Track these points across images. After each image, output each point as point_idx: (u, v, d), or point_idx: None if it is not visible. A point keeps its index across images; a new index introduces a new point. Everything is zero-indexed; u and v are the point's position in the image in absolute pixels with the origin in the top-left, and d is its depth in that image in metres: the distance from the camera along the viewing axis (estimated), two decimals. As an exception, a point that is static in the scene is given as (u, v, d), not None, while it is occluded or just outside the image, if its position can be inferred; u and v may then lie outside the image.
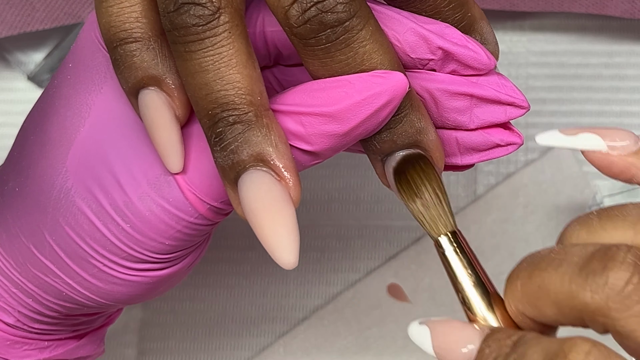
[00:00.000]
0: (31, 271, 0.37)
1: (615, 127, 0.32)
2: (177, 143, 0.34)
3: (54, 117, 0.36)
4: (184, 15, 0.31)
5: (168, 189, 0.34)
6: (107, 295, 0.37)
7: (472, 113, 0.35)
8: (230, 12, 0.31)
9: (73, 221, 0.36)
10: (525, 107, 0.35)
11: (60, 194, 0.36)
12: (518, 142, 0.35)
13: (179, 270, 0.38)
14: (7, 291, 0.38)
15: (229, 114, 0.31)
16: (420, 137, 0.33)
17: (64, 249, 0.36)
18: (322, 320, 0.54)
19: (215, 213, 0.35)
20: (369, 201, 0.56)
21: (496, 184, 0.56)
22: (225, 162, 0.32)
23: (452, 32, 0.34)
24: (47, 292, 0.37)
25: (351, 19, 0.31)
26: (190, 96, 0.32)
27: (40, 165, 0.36)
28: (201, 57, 0.31)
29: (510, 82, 0.35)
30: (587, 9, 0.54)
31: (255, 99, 0.31)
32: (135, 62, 0.33)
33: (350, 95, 0.32)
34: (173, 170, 0.34)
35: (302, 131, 0.32)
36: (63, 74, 0.37)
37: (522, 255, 0.54)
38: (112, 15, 0.33)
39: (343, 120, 0.32)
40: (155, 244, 0.35)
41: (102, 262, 0.36)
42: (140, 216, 0.35)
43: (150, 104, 0.33)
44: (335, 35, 0.31)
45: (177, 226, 0.35)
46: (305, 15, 0.31)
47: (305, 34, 0.31)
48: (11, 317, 0.39)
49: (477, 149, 0.35)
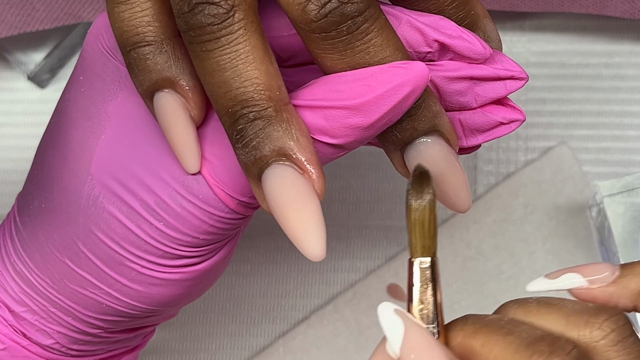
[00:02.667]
0: (69, 287, 0.37)
1: (594, 263, 0.34)
2: (193, 143, 0.34)
3: (73, 130, 0.37)
4: (198, 15, 0.31)
5: (197, 186, 0.35)
6: (148, 300, 0.37)
7: (474, 92, 0.35)
8: (244, 9, 0.31)
9: (105, 227, 0.36)
10: (524, 77, 0.35)
11: (89, 202, 0.36)
12: (520, 119, 0.35)
13: (215, 263, 0.38)
14: (46, 312, 0.38)
15: (248, 110, 0.31)
16: (438, 120, 0.34)
17: (99, 256, 0.36)
18: (322, 320, 0.54)
19: (245, 207, 0.35)
20: (369, 201, 0.56)
21: (496, 184, 0.56)
22: (247, 159, 0.32)
23: (446, 24, 0.34)
24: (87, 307, 0.37)
25: (369, 8, 0.31)
26: (210, 95, 0.32)
27: (64, 177, 0.36)
28: (218, 56, 0.31)
29: (506, 57, 0.35)
30: (587, 9, 0.54)
31: (274, 94, 0.31)
32: (149, 65, 0.34)
33: (373, 88, 0.32)
34: (190, 170, 0.34)
35: (326, 125, 0.32)
36: (76, 88, 0.37)
37: (522, 255, 0.55)
38: (124, 20, 0.34)
39: (367, 113, 0.32)
40: (190, 239, 0.36)
41: (140, 263, 0.36)
42: (173, 214, 0.35)
43: (165, 105, 0.34)
44: (356, 25, 0.31)
45: (210, 221, 0.35)
46: (325, 8, 0.31)
47: (326, 27, 0.31)
48: (49, 339, 0.38)
49: (481, 129, 0.36)
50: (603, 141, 0.56)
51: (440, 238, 0.55)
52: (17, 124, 0.59)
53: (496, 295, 0.54)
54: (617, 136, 0.56)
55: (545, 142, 0.56)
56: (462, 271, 0.54)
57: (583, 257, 0.54)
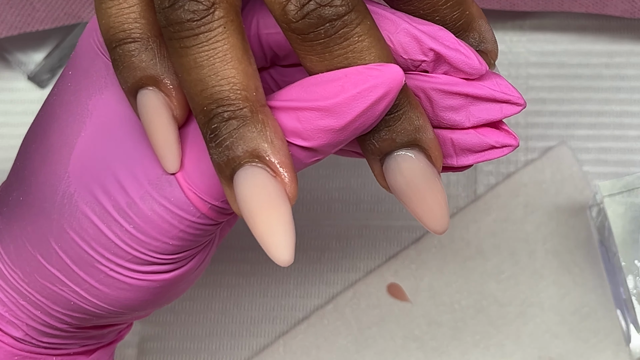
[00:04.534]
0: (39, 281, 0.37)
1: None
2: (174, 143, 0.34)
3: (55, 124, 0.36)
4: (178, 10, 0.31)
5: (169, 188, 0.34)
6: (115, 302, 0.37)
7: (468, 111, 0.34)
8: (225, 7, 0.31)
9: (77, 226, 0.35)
10: (521, 104, 0.34)
11: (63, 200, 0.36)
12: (513, 144, 0.35)
13: (185, 272, 0.37)
14: (16, 304, 0.38)
15: (224, 109, 0.31)
16: (419, 135, 0.33)
17: (70, 255, 0.36)
18: (322, 320, 0.54)
19: (218, 212, 0.35)
20: (369, 201, 0.56)
21: (496, 184, 0.56)
22: (220, 159, 0.31)
23: (445, 35, 0.34)
24: (56, 302, 0.37)
25: (349, 13, 0.31)
26: (186, 92, 0.32)
27: (42, 172, 0.36)
28: (196, 53, 0.31)
29: (504, 80, 0.35)
30: (587, 9, 0.54)
31: (251, 95, 0.31)
32: (134, 62, 0.33)
33: (345, 88, 0.31)
34: (170, 170, 0.34)
35: (299, 127, 0.32)
36: (63, 82, 0.37)
37: (522, 255, 0.55)
38: (111, 16, 0.34)
39: (339, 115, 0.32)
40: (160, 244, 0.35)
41: (108, 266, 0.36)
42: (142, 216, 0.35)
43: (148, 103, 0.33)
44: (334, 29, 0.31)
45: (180, 225, 0.35)
46: (303, 9, 0.31)
47: (303, 29, 0.31)
48: (19, 331, 0.38)
49: (473, 149, 0.35)
50: (603, 141, 0.56)
51: (440, 238, 0.55)
52: (17, 124, 0.59)
53: (496, 295, 0.54)
54: (617, 136, 0.56)
55: (545, 142, 0.56)
56: (462, 271, 0.54)
57: (583, 257, 0.54)
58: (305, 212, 0.56)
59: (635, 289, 0.50)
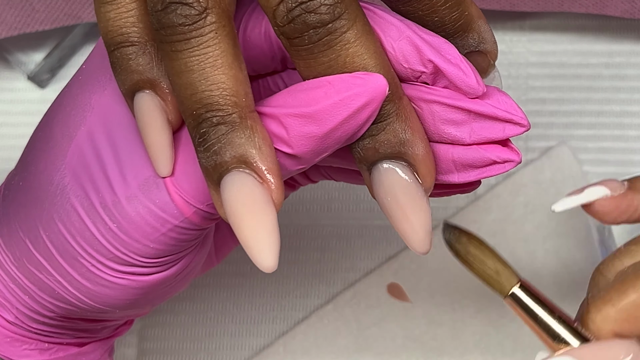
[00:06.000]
0: (27, 267, 0.37)
1: (604, 180, 0.35)
2: (167, 147, 0.34)
3: (60, 115, 0.37)
4: (170, 14, 0.31)
5: (156, 191, 0.35)
6: (96, 298, 0.37)
7: (470, 127, 0.34)
8: (218, 12, 0.31)
9: (66, 218, 0.36)
10: (525, 125, 0.34)
11: (57, 190, 0.36)
12: (515, 160, 0.34)
13: (167, 277, 0.37)
14: (6, 286, 0.38)
15: (213, 114, 0.31)
16: (404, 149, 0.32)
17: (56, 246, 0.36)
18: (322, 320, 0.54)
19: (202, 217, 0.35)
20: (369, 201, 0.56)
21: (496, 184, 0.56)
22: (208, 163, 0.31)
23: (449, 49, 0.33)
24: (41, 289, 0.38)
25: (335, 20, 0.31)
26: (177, 96, 0.32)
27: (42, 160, 0.37)
28: (187, 57, 0.31)
29: (510, 99, 0.34)
30: (587, 9, 0.54)
31: (240, 101, 0.31)
32: (131, 65, 0.34)
33: (328, 95, 0.31)
34: (162, 173, 0.34)
35: (284, 133, 0.32)
36: (76, 75, 0.38)
37: (522, 255, 0.55)
38: (109, 19, 0.34)
39: (321, 121, 0.32)
40: (141, 247, 0.35)
41: (90, 261, 0.36)
42: (126, 217, 0.35)
43: (144, 106, 0.34)
44: (318, 36, 0.31)
45: (162, 229, 0.35)
46: (290, 14, 0.31)
47: (289, 33, 0.31)
48: (10, 314, 0.39)
49: (474, 165, 0.34)
50: (603, 141, 0.56)
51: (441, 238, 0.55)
52: (17, 124, 0.59)
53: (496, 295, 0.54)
54: (617, 136, 0.56)
55: (545, 142, 0.56)
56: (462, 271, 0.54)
57: (583, 257, 0.54)
58: (305, 211, 0.56)
59: (635, 288, 0.50)
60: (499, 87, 0.35)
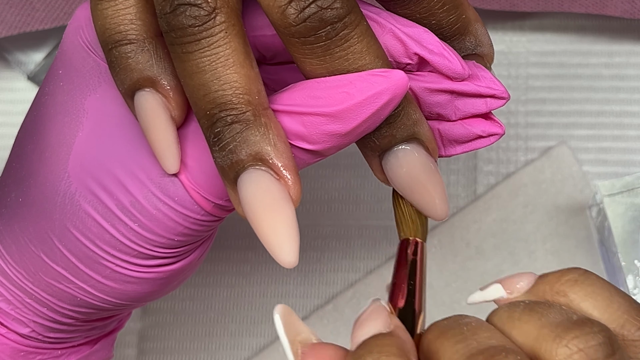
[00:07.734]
0: (44, 280, 0.37)
1: (519, 273, 0.34)
2: (173, 144, 0.34)
3: (51, 124, 0.37)
4: (180, 16, 0.31)
5: (173, 187, 0.35)
6: (122, 295, 0.37)
7: (454, 106, 0.35)
8: (227, 11, 0.31)
9: (81, 225, 0.36)
10: (505, 97, 0.35)
11: (65, 199, 0.36)
12: (499, 132, 0.35)
13: (190, 262, 0.38)
14: (21, 302, 0.38)
15: (226, 113, 0.31)
16: (417, 128, 0.33)
17: (74, 253, 0.36)
18: (322, 320, 0.54)
19: (221, 209, 0.35)
20: (369, 201, 0.56)
21: (496, 184, 0.56)
22: (224, 162, 0.32)
23: (429, 38, 0.34)
24: (61, 299, 0.37)
25: (349, 14, 0.31)
26: (189, 97, 0.32)
27: (41, 172, 0.36)
28: (198, 58, 0.31)
29: (489, 74, 0.35)
30: (587, 9, 0.54)
31: (253, 98, 0.31)
32: (130, 63, 0.34)
33: (352, 95, 0.32)
34: (170, 170, 0.34)
35: (304, 131, 0.32)
36: (54, 82, 0.37)
37: (522, 255, 0.55)
38: (107, 17, 0.34)
39: (345, 120, 0.32)
40: (165, 240, 0.36)
41: (114, 262, 0.36)
42: (147, 215, 0.35)
43: (146, 105, 0.34)
44: (335, 31, 0.31)
45: (185, 223, 0.35)
46: (304, 13, 0.31)
47: (304, 32, 0.31)
48: (26, 328, 0.39)
49: (460, 140, 0.36)
50: (603, 141, 0.56)
51: (440, 238, 0.55)
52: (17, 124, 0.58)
53: (496, 295, 0.54)
54: (617, 136, 0.56)
55: (545, 142, 0.56)
56: (462, 271, 0.54)
57: (583, 257, 0.54)
58: (305, 212, 0.56)
59: (635, 288, 0.50)
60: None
